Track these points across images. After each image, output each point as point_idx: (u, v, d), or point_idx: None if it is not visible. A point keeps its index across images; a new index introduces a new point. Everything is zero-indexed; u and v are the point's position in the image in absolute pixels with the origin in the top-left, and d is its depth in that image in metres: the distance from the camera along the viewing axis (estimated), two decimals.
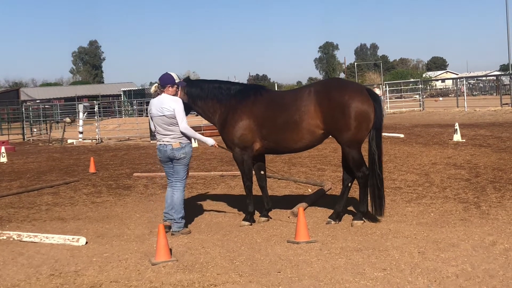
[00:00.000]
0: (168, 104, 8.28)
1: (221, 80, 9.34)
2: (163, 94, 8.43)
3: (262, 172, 9.28)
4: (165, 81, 8.44)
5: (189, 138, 8.49)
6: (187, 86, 8.99)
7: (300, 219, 7.53)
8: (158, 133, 8.49)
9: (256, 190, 9.84)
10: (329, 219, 8.66)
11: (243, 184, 9.14)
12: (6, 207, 11.17)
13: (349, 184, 8.81)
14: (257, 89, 9.13)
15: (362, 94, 8.34)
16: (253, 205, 9.00)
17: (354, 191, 9.52)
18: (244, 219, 8.92)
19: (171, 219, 8.52)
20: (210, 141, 8.77)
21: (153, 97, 8.67)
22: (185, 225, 8.64)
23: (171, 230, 8.45)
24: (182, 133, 8.35)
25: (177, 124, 8.29)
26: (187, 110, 9.14)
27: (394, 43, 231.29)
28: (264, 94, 8.93)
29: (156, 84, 8.59)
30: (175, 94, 8.51)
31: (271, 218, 9.11)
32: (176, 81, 8.51)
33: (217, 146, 8.89)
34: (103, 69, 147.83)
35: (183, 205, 8.55)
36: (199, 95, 9.01)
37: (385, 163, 13.86)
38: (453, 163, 13.46)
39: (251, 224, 8.79)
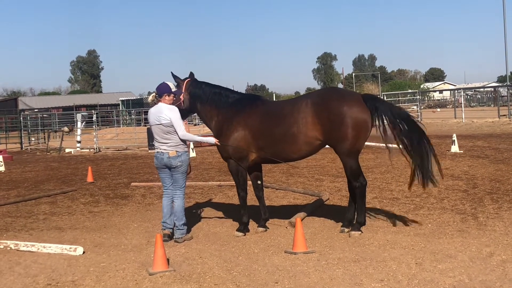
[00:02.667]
0: (165, 113, 8.43)
1: (223, 86, 9.35)
2: (160, 103, 8.58)
3: (259, 182, 9.29)
4: (162, 90, 8.60)
5: (186, 146, 8.67)
6: (190, 86, 9.07)
7: (298, 230, 7.53)
8: (156, 141, 8.66)
9: (254, 200, 9.86)
10: (342, 228, 8.71)
11: (237, 194, 9.17)
12: (4, 216, 11.16)
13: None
14: (254, 99, 9.17)
15: (360, 103, 8.35)
16: (248, 215, 9.03)
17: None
18: (238, 230, 8.92)
19: (170, 228, 8.62)
20: (211, 139, 8.91)
21: (151, 106, 8.83)
22: (187, 231, 8.82)
23: (174, 237, 8.60)
24: (181, 140, 8.50)
25: (174, 133, 8.45)
26: (186, 114, 9.20)
27: (392, 54, 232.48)
28: (260, 105, 8.94)
29: (153, 94, 8.74)
30: (172, 103, 8.62)
31: (268, 228, 9.11)
32: (173, 90, 8.65)
33: (218, 143, 8.91)
34: (101, 78, 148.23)
35: (184, 212, 8.69)
36: (200, 97, 9.09)
37: (383, 174, 13.91)
38: (450, 174, 13.47)
39: (244, 234, 8.79)
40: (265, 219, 9.21)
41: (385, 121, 8.40)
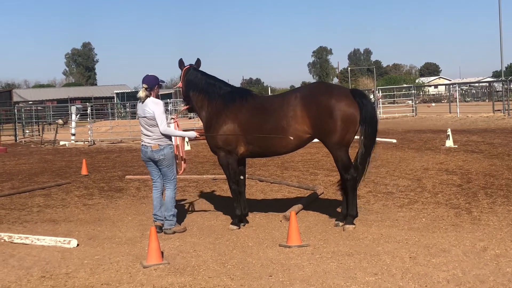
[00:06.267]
0: (149, 106, 8.47)
1: (218, 78, 9.31)
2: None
3: (241, 177, 9.24)
4: (153, 83, 8.62)
5: (171, 139, 8.68)
6: (187, 74, 9.06)
7: (292, 223, 7.53)
8: (142, 133, 8.72)
9: (248, 194, 9.86)
10: (336, 222, 8.73)
11: (229, 187, 9.17)
12: None
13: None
14: (244, 93, 9.16)
15: (348, 97, 8.42)
16: (241, 208, 9.03)
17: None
18: (232, 223, 8.92)
19: (161, 220, 8.66)
20: (191, 134, 8.89)
21: (143, 101, 8.66)
22: (179, 223, 8.83)
23: (163, 228, 8.64)
24: (163, 134, 8.48)
25: (157, 126, 8.47)
26: (185, 100, 9.17)
27: (388, 48, 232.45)
28: (250, 99, 8.94)
29: (144, 88, 8.58)
30: (157, 96, 8.72)
31: (248, 222, 9.09)
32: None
33: (198, 136, 8.92)
34: (96, 71, 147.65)
35: (174, 204, 8.73)
36: (195, 86, 9.07)
37: (377, 168, 13.92)
38: (445, 169, 13.50)
39: (239, 228, 8.80)
40: (245, 214, 9.20)
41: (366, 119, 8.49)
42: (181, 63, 9.24)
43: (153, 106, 8.44)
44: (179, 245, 7.81)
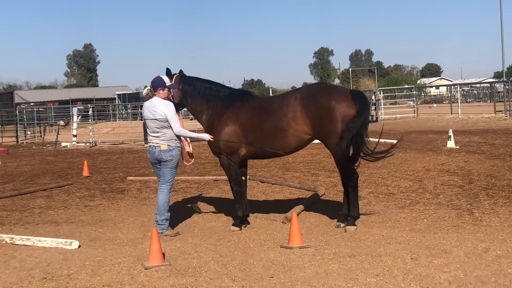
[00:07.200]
0: (160, 108, 8.42)
1: (213, 81, 9.32)
2: (154, 97, 8.58)
3: (243, 178, 9.24)
4: (157, 84, 8.57)
5: (180, 140, 8.64)
6: (181, 82, 9.05)
7: (294, 224, 7.53)
8: (150, 134, 8.64)
9: (250, 195, 9.85)
10: (338, 223, 8.71)
11: (230, 189, 9.18)
12: None
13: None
14: (244, 94, 9.19)
15: (348, 98, 8.41)
16: (242, 209, 9.03)
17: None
18: (234, 224, 8.93)
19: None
20: (205, 136, 8.84)
21: (145, 100, 8.80)
22: (173, 227, 8.76)
23: None
24: (176, 136, 8.47)
25: (168, 127, 8.45)
26: (178, 107, 9.13)
27: (389, 49, 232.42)
28: (250, 100, 8.96)
29: (148, 87, 8.70)
30: (166, 97, 8.62)
31: (249, 223, 9.11)
32: (167, 84, 8.65)
33: (212, 139, 8.91)
34: (97, 72, 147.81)
35: (168, 208, 8.64)
36: (191, 93, 9.06)
37: (378, 169, 13.92)
38: (446, 170, 13.49)
39: (240, 229, 8.80)
40: (246, 215, 9.19)
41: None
42: (169, 73, 9.09)
43: (164, 108, 8.41)
44: (181, 247, 7.81)
